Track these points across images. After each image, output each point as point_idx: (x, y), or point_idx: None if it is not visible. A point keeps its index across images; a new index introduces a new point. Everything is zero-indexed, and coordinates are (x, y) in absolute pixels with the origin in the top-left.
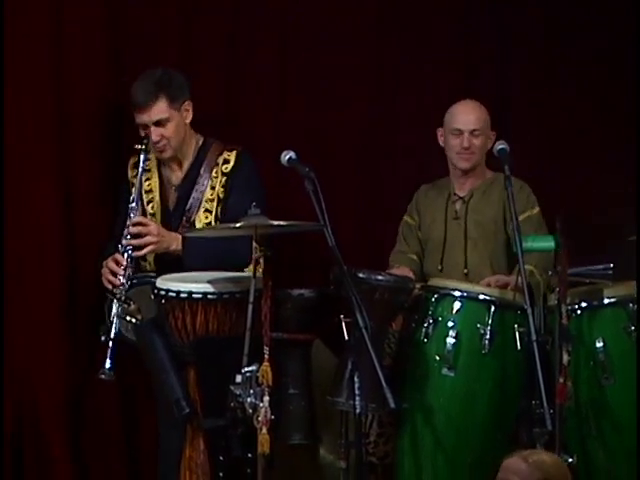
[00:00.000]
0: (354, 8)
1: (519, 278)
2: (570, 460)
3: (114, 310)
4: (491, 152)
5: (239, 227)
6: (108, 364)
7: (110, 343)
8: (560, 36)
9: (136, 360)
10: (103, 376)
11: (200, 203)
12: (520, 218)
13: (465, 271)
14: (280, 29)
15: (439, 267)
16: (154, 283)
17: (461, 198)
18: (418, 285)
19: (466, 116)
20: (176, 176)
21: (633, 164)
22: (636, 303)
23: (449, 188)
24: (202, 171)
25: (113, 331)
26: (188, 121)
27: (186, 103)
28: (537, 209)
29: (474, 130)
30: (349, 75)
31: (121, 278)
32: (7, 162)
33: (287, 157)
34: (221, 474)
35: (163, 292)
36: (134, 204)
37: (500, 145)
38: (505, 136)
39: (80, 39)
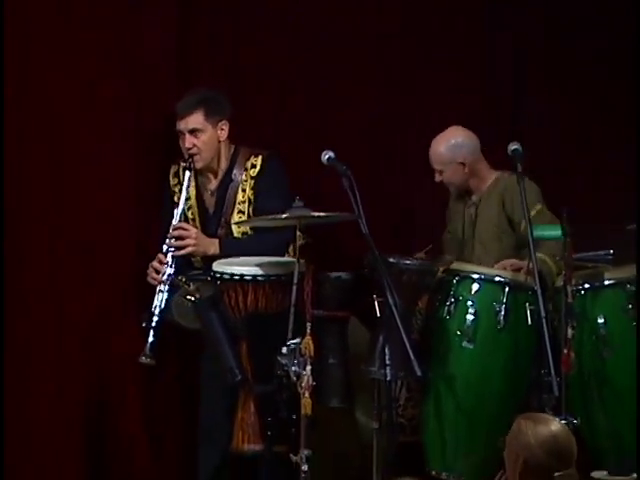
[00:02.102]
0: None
1: (530, 263)
2: (574, 422)
3: (156, 300)
4: (504, 152)
5: (285, 218)
6: (148, 349)
7: (151, 330)
8: (562, 36)
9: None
10: (143, 359)
11: (234, 205)
12: (530, 214)
13: None
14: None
15: None
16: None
17: (474, 203)
18: (441, 268)
19: (431, 156)
20: (212, 183)
21: (633, 163)
22: (635, 284)
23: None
24: (234, 176)
25: (155, 318)
26: (222, 139)
27: (222, 122)
28: (538, 207)
29: (438, 170)
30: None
31: (165, 274)
32: (91, 166)
33: (326, 157)
34: (269, 433)
35: (219, 274)
36: (178, 210)
37: (514, 146)
38: (519, 134)
39: (154, 66)
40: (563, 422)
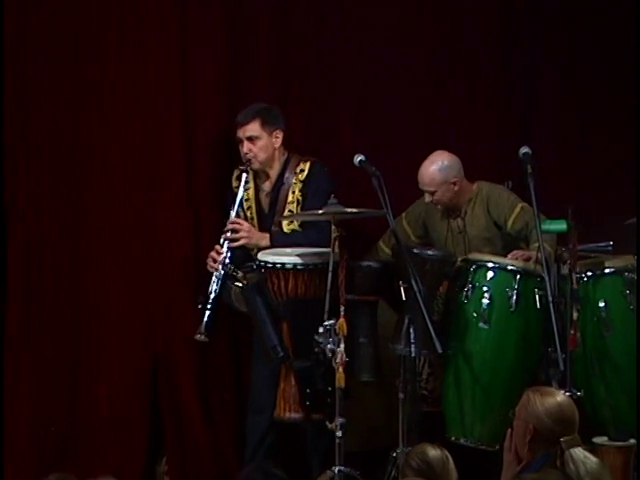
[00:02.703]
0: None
1: (539, 253)
2: (578, 394)
3: (211, 285)
4: (515, 155)
5: (322, 214)
6: (203, 328)
7: (206, 312)
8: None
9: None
10: (198, 336)
11: (285, 205)
12: (513, 214)
13: None
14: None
15: None
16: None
17: (459, 216)
18: (460, 258)
19: (424, 179)
20: (266, 185)
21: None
22: (632, 272)
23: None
24: (285, 180)
25: (210, 301)
26: (277, 146)
27: (277, 131)
28: (521, 204)
29: (430, 191)
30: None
31: (220, 263)
32: (149, 172)
33: (358, 159)
34: (308, 403)
35: (263, 263)
36: (235, 208)
37: (524, 150)
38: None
39: (203, 79)
40: (568, 394)
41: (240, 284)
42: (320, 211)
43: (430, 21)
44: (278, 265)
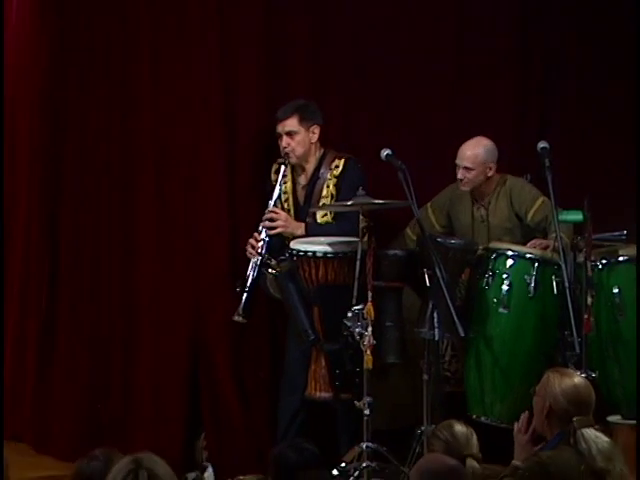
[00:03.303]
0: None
1: (556, 242)
2: (593, 375)
3: (250, 271)
4: (534, 150)
5: (350, 205)
6: (241, 309)
7: (244, 294)
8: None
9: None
10: (236, 317)
11: (319, 198)
12: (534, 207)
13: None
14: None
15: None
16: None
17: (483, 205)
18: (481, 247)
19: (466, 155)
20: (302, 179)
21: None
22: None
23: (469, 194)
24: (321, 174)
25: (248, 284)
26: (314, 141)
27: (314, 127)
28: (542, 198)
29: (466, 167)
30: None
31: (259, 249)
32: (191, 166)
33: (385, 153)
34: (337, 383)
35: (295, 252)
36: (273, 199)
37: (542, 144)
38: (548, 131)
39: (242, 82)
40: (583, 375)
41: (274, 271)
42: (349, 202)
43: (453, 21)
44: (309, 253)
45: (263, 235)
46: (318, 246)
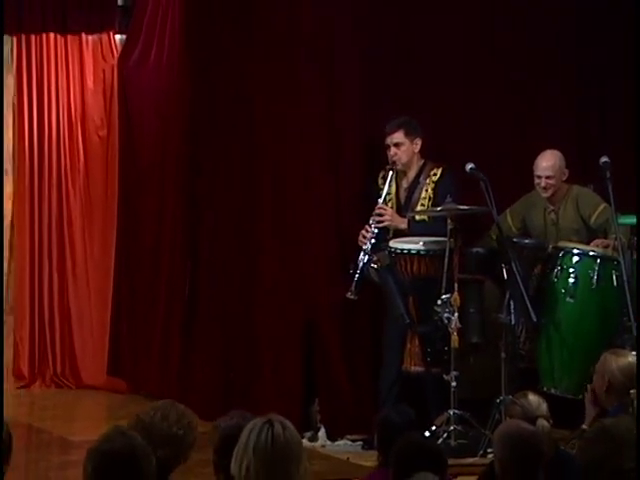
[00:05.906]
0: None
1: (616, 242)
2: None
3: (361, 255)
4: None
5: (439, 210)
6: (353, 288)
7: (356, 276)
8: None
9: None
10: (349, 294)
11: (418, 201)
12: (597, 211)
13: None
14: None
15: None
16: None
17: (553, 210)
18: (551, 246)
19: (547, 165)
20: (405, 183)
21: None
22: None
23: (542, 202)
24: (420, 180)
25: (359, 268)
26: (416, 151)
27: (417, 139)
28: (604, 204)
29: (548, 176)
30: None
31: (367, 241)
32: (296, 175)
33: (469, 167)
34: (429, 359)
35: (393, 249)
36: (383, 198)
37: (603, 159)
38: (605, 145)
39: (345, 98)
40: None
41: (375, 266)
42: (438, 208)
43: (516, 39)
44: (405, 251)
45: (373, 227)
46: (413, 245)
